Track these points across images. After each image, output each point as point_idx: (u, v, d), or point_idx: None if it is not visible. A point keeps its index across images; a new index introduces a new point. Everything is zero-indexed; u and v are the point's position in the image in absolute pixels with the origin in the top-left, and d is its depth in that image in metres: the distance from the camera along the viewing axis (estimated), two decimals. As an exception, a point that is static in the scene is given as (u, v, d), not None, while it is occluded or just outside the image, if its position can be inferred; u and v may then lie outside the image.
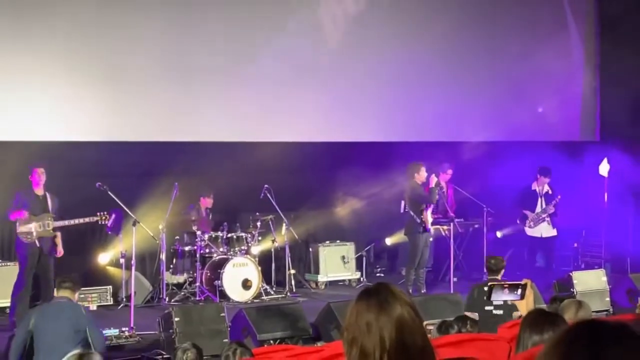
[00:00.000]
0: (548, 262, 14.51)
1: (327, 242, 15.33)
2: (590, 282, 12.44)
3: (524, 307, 4.46)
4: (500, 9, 16.98)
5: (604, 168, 15.02)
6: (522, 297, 4.46)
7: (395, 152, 15.26)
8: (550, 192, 14.32)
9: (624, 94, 17.69)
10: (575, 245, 16.39)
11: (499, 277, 9.46)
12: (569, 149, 16.44)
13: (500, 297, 4.50)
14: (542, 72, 17.43)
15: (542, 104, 17.26)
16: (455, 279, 14.04)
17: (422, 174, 13.72)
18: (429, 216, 13.70)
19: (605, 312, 12.04)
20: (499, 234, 16.39)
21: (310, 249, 15.26)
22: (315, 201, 15.24)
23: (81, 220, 11.75)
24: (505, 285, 4.48)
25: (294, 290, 14.17)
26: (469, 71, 16.60)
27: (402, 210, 14.26)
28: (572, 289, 12.31)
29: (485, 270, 10.46)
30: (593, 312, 7.22)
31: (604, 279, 12.67)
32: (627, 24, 17.22)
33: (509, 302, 4.62)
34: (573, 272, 12.49)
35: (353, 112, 15.58)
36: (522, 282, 4.47)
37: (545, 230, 14.36)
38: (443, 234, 14.53)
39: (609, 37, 17.72)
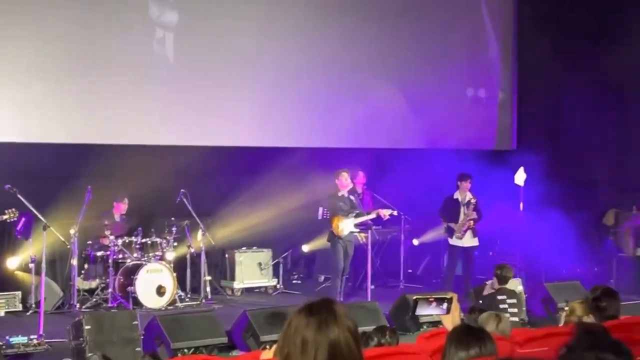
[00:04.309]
0: (467, 271, 14.51)
1: (244, 248, 15.18)
2: (506, 290, 12.42)
3: (450, 321, 4.33)
4: (417, 16, 16.98)
5: (519, 177, 15.08)
6: (448, 311, 4.32)
7: (314, 158, 15.17)
8: (472, 200, 14.34)
9: (541, 103, 17.90)
10: (491, 253, 16.47)
11: (507, 286, 10.36)
12: (486, 157, 16.53)
13: (425, 311, 4.35)
14: (458, 79, 17.52)
15: (459, 112, 17.33)
16: (372, 287, 13.95)
17: (342, 181, 13.57)
18: (345, 224, 13.49)
19: (520, 321, 12.04)
20: (415, 242, 16.44)
21: (227, 255, 15.09)
22: (233, 207, 15.04)
23: (-12, 220, 11.31)
24: (431, 299, 4.33)
25: (210, 297, 13.98)
26: (386, 78, 16.56)
27: (319, 217, 14.10)
28: (488, 298, 12.27)
29: (494, 278, 10.84)
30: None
31: (520, 287, 12.68)
32: (546, 33, 17.41)
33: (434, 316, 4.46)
34: (489, 281, 12.45)
35: (271, 117, 15.48)
36: (448, 296, 4.33)
37: (467, 239, 14.37)
38: (360, 241, 14.43)
39: (527, 48, 17.91)
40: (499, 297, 10.01)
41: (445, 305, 4.34)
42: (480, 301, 10.59)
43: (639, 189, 16.28)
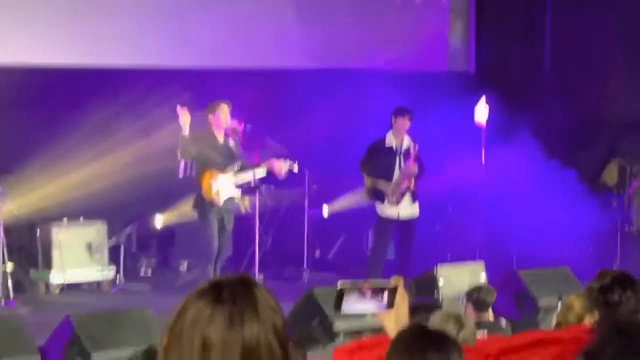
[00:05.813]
0: (404, 254, 14.55)
1: (65, 220, 15.07)
2: (462, 281, 12.47)
3: (392, 321, 4.29)
4: None
5: (480, 112, 15.16)
6: (391, 305, 4.22)
7: (167, 84, 15.02)
8: (413, 148, 14.20)
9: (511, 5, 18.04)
10: (439, 226, 16.56)
11: (487, 316, 10.11)
12: (432, 83, 16.60)
13: (356, 306, 4.25)
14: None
15: (392, 18, 17.41)
16: (261, 277, 13.94)
17: (218, 117, 13.45)
18: (221, 184, 13.40)
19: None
20: (325, 211, 16.39)
21: (39, 232, 14.96)
22: (47, 158, 14.89)
23: None
24: (365, 289, 4.20)
25: (12, 295, 13.87)
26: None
27: (180, 174, 13.99)
28: (435, 291, 12.35)
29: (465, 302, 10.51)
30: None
31: (483, 275, 12.78)
32: None
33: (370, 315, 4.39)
34: (438, 266, 12.51)
35: (101, 26, 15.52)
36: (390, 284, 4.21)
37: (405, 207, 14.31)
38: (243, 210, 14.33)
39: None
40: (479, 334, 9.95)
41: (384, 296, 4.26)
42: None
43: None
